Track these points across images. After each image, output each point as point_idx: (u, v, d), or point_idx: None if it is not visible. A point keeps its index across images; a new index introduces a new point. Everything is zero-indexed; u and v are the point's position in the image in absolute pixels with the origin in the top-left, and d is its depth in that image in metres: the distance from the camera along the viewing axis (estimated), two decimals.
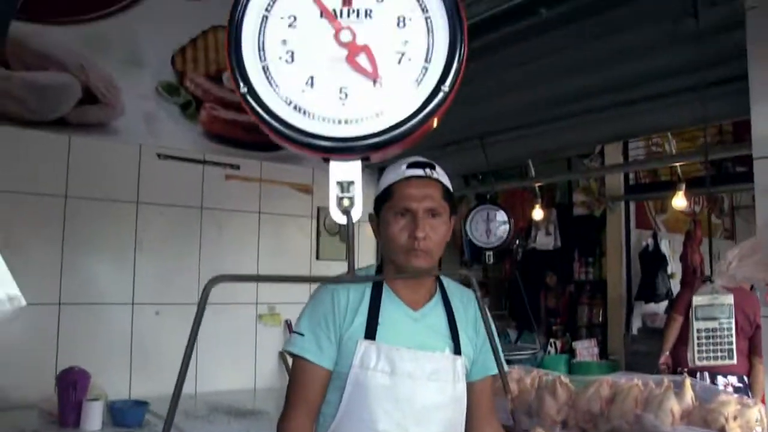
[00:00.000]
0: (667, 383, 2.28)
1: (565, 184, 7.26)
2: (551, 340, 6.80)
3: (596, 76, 3.26)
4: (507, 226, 4.08)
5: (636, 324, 6.76)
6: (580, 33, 3.10)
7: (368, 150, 0.77)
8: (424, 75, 0.77)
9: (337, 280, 0.80)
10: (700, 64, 2.63)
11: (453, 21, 0.78)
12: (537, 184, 4.91)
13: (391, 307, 1.77)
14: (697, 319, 1.64)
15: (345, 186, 0.79)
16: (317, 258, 4.35)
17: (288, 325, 4.10)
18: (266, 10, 0.80)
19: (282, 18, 0.80)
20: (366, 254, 4.40)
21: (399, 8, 0.80)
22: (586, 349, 6.59)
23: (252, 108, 0.78)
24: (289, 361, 3.92)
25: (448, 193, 1.82)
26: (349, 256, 0.82)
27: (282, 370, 4.10)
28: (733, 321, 1.64)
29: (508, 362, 2.93)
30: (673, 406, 2.19)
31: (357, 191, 0.79)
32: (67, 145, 3.45)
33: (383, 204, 1.81)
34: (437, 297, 1.85)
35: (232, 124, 3.96)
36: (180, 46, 3.84)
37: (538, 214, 5.08)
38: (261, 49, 0.80)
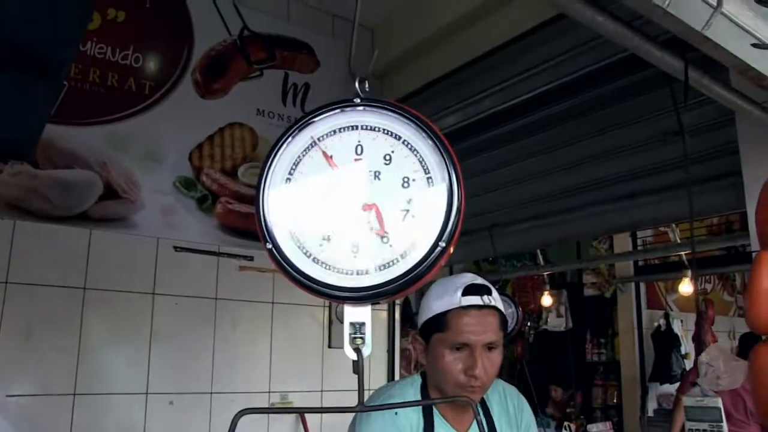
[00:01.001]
0: None
1: None
2: (566, 424, 6.69)
3: (595, 171, 3.37)
4: (514, 317, 4.13)
5: (652, 406, 6.66)
6: (578, 130, 3.24)
7: (377, 297, 0.85)
8: (425, 231, 0.85)
9: (348, 410, 0.87)
10: (691, 159, 2.75)
11: (451, 182, 0.86)
12: (546, 273, 4.96)
13: None
14: (688, 419, 1.65)
15: (357, 327, 0.88)
16: (329, 346, 4.39)
17: (301, 415, 4.09)
18: (289, 173, 0.90)
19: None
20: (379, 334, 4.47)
21: (404, 170, 0.88)
22: None
23: (277, 261, 0.87)
24: None
25: (503, 318, 1.72)
26: (360, 389, 0.89)
27: None
28: (725, 424, 1.64)
29: None
30: None
31: (367, 331, 0.88)
32: (88, 238, 3.53)
33: (434, 332, 1.69)
34: (479, 412, 1.80)
35: (246, 217, 4.03)
36: (197, 143, 3.96)
37: (547, 300, 5.13)
38: (284, 208, 0.89)
